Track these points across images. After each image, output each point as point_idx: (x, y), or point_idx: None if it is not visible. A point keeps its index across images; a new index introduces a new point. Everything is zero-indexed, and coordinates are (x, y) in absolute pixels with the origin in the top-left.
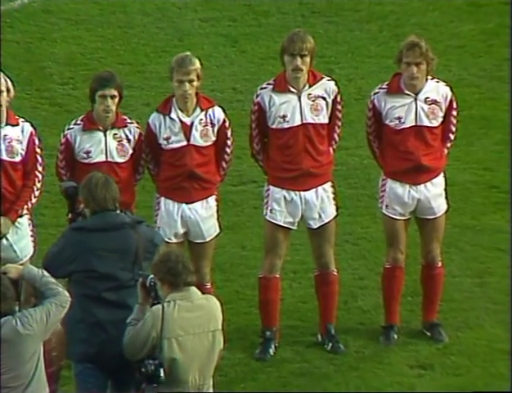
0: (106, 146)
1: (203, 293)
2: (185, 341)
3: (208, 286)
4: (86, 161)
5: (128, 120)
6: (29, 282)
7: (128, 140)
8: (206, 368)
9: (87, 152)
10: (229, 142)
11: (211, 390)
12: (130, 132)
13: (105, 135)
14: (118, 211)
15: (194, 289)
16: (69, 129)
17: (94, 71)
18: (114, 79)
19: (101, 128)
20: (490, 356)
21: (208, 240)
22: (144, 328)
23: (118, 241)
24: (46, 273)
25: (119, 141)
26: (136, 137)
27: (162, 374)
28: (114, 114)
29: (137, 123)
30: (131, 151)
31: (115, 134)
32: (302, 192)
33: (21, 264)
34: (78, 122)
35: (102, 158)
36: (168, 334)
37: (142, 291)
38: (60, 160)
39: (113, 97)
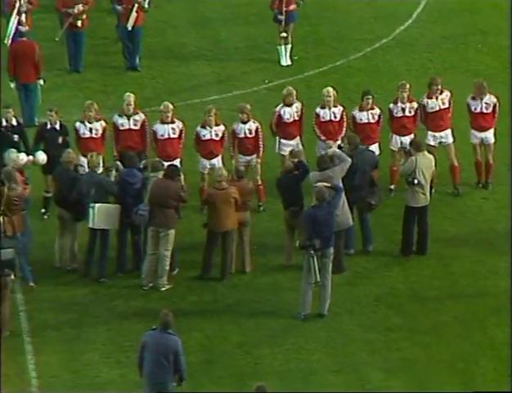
0: None
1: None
2: (424, 171)
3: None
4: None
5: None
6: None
7: None
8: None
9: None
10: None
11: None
12: None
13: None
14: None
15: (426, 153)
16: None
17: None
18: None
19: None
20: None
21: None
22: (408, 165)
23: None
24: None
25: None
26: None
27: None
28: None
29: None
30: None
31: None
32: (440, 132)
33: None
34: None
35: None
36: (417, 167)
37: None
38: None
39: None
